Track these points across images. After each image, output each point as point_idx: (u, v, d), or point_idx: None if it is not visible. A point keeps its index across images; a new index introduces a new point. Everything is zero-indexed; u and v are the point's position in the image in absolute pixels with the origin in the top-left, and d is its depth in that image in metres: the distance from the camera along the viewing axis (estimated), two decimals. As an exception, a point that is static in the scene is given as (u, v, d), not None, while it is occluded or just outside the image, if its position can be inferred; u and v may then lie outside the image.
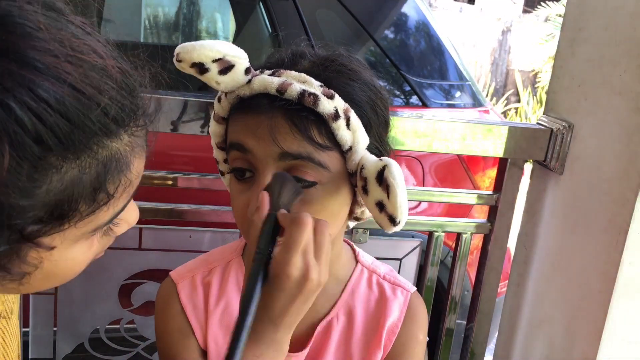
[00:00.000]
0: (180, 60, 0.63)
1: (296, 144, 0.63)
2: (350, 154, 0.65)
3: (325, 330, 0.76)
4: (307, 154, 0.63)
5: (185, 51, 0.62)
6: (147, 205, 0.98)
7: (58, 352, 1.06)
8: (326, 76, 0.66)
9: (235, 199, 0.68)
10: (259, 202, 0.59)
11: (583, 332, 0.91)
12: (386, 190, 0.63)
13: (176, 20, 3.95)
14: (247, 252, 0.78)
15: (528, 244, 1.08)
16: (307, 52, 0.70)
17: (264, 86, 0.63)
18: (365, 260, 0.81)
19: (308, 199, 0.64)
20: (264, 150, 0.63)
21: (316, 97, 0.62)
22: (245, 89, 0.65)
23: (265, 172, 0.64)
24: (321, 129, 0.63)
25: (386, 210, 0.63)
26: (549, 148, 0.98)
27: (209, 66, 0.62)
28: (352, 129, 0.64)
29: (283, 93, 0.63)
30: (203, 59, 0.62)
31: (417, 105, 1.79)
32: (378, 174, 0.63)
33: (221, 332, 0.76)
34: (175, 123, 0.91)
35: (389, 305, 0.78)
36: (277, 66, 0.68)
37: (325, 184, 0.65)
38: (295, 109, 0.62)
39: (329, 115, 0.63)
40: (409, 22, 1.95)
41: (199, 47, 0.62)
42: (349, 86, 0.66)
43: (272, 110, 0.63)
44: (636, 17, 0.84)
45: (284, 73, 0.65)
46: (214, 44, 0.63)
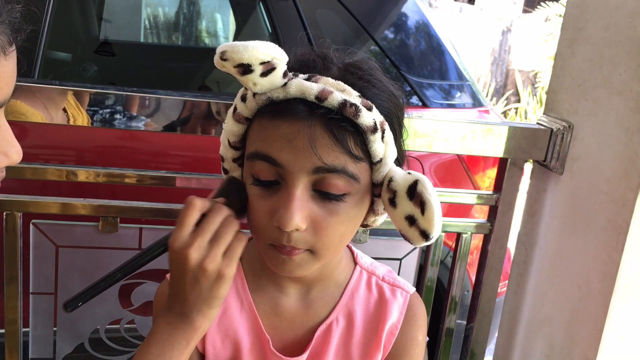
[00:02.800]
0: (225, 58, 0.61)
1: (333, 156, 0.61)
2: (380, 165, 0.65)
3: (325, 334, 0.76)
4: (342, 167, 0.62)
5: (235, 51, 0.60)
6: (147, 205, 0.98)
7: (58, 352, 1.06)
8: (361, 85, 0.64)
9: (255, 205, 0.66)
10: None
11: (583, 332, 0.91)
12: (419, 206, 0.63)
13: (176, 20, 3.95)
14: (245, 255, 0.78)
15: (528, 244, 1.08)
16: (332, 55, 0.68)
17: (302, 91, 0.61)
18: (364, 262, 0.81)
19: (336, 209, 0.64)
20: (300, 164, 0.61)
21: (357, 109, 0.61)
22: (279, 92, 0.62)
23: (297, 185, 0.62)
24: (357, 140, 0.62)
25: (418, 225, 0.64)
26: (549, 148, 0.98)
27: (254, 68, 0.60)
28: (386, 141, 0.64)
29: (323, 101, 0.60)
30: (252, 61, 0.60)
31: (417, 105, 1.79)
32: (409, 188, 0.64)
33: (219, 335, 0.75)
34: (175, 123, 0.91)
35: (388, 307, 0.77)
36: (309, 69, 0.65)
37: (353, 195, 0.65)
38: (334, 119, 0.61)
39: (368, 127, 0.62)
40: (409, 22, 1.95)
41: (252, 49, 0.60)
42: (380, 97, 0.66)
43: (310, 118, 0.61)
44: (636, 17, 0.84)
45: (320, 79, 0.63)
46: (264, 46, 0.61)
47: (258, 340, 0.76)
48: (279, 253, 0.65)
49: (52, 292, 1.02)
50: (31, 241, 0.98)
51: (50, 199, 0.96)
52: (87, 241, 1.00)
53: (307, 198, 0.63)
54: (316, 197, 0.64)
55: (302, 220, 0.62)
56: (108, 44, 2.56)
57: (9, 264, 0.96)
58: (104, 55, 2.47)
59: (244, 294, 0.76)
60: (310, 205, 0.63)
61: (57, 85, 0.87)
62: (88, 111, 0.89)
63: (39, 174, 0.94)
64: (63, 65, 2.23)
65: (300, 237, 0.64)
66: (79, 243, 1.00)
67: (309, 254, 0.66)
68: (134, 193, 1.10)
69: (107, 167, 0.96)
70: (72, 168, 0.94)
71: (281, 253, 0.65)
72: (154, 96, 0.90)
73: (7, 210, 0.94)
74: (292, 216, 0.61)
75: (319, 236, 0.64)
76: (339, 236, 0.66)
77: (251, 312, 0.76)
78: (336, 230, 0.65)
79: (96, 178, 0.95)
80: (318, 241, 0.65)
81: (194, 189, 0.98)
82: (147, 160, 1.55)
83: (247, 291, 0.76)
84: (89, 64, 2.32)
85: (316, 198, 0.64)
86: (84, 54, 2.49)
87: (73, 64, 2.31)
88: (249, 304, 0.76)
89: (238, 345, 0.75)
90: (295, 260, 0.66)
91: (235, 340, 0.75)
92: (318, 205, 0.64)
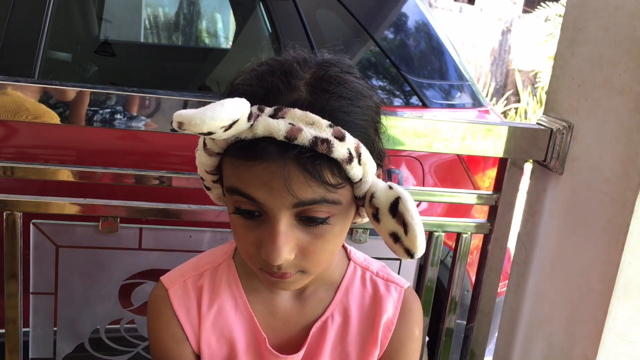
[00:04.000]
0: (184, 129, 0.56)
1: (311, 191, 0.60)
2: (360, 183, 0.64)
3: (320, 331, 0.76)
4: (322, 198, 0.61)
5: (193, 124, 0.55)
6: (147, 205, 0.98)
7: (58, 352, 1.06)
8: (330, 107, 0.61)
9: (241, 234, 0.66)
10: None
11: (583, 332, 0.91)
12: (402, 226, 0.63)
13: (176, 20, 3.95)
14: (238, 255, 0.78)
15: (528, 244, 1.08)
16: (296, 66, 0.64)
17: (270, 131, 0.58)
18: (358, 257, 0.81)
19: (321, 232, 0.64)
20: (279, 203, 0.60)
21: (329, 144, 0.59)
22: (247, 133, 0.59)
23: (279, 220, 0.61)
24: (334, 170, 0.61)
25: (402, 243, 0.64)
26: (549, 148, 0.98)
27: (216, 131, 0.57)
28: (363, 162, 0.63)
29: (293, 140, 0.58)
30: (213, 129, 0.56)
31: (417, 105, 1.79)
32: (391, 206, 0.63)
33: (214, 336, 0.75)
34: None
35: (383, 302, 0.78)
36: (274, 96, 0.61)
37: (336, 215, 0.64)
38: (307, 156, 0.59)
39: (342, 159, 0.60)
40: (409, 22, 1.95)
41: (209, 120, 0.55)
42: (353, 114, 0.63)
43: (283, 159, 0.59)
44: (636, 17, 0.84)
45: (287, 112, 0.59)
46: (223, 112, 0.55)
47: (254, 339, 0.76)
48: (271, 276, 0.66)
49: (52, 292, 1.02)
50: (31, 241, 0.98)
51: (50, 199, 0.96)
52: (87, 241, 1.00)
53: (292, 227, 0.63)
54: (301, 224, 0.63)
55: (289, 252, 0.62)
56: (108, 44, 2.56)
57: (9, 264, 0.96)
58: (104, 55, 2.47)
59: (239, 293, 0.76)
60: (296, 234, 0.63)
61: (57, 85, 0.87)
62: (88, 111, 0.89)
63: (39, 174, 0.94)
64: (63, 65, 2.23)
65: (291, 263, 0.64)
66: (79, 243, 1.00)
67: (302, 273, 0.67)
68: (134, 193, 1.11)
69: (107, 167, 0.96)
70: (72, 168, 0.94)
71: (273, 277, 0.66)
72: (154, 96, 0.90)
73: (7, 210, 0.94)
74: (280, 252, 0.61)
75: (308, 259, 0.65)
76: (329, 253, 0.67)
77: (246, 311, 0.76)
78: (324, 250, 0.65)
79: (96, 178, 0.95)
80: (308, 262, 0.65)
81: (193, 189, 0.99)
82: (147, 160, 1.55)
83: (242, 291, 0.76)
84: (89, 64, 2.32)
85: (301, 225, 0.63)
86: (84, 54, 2.49)
87: (73, 64, 2.31)
88: (243, 304, 0.76)
89: (233, 344, 0.75)
90: (288, 280, 0.67)
91: (231, 339, 0.75)
92: (303, 231, 0.63)
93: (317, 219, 0.63)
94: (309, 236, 0.64)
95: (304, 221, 0.63)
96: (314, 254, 0.65)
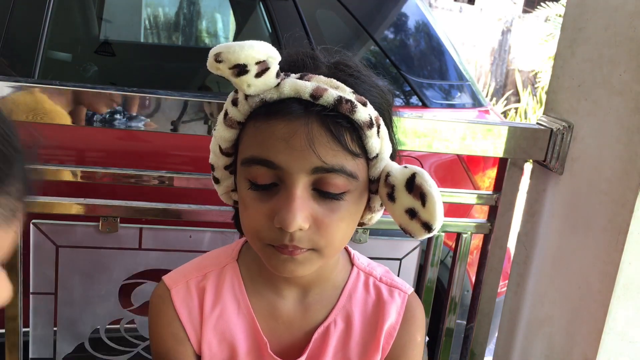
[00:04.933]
0: (221, 60, 0.59)
1: (331, 154, 0.61)
2: (376, 161, 0.65)
3: (323, 336, 0.76)
4: (340, 166, 0.61)
5: (232, 51, 0.59)
6: (147, 205, 0.98)
7: (58, 352, 1.06)
8: (352, 82, 0.64)
9: (252, 208, 0.65)
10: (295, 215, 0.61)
11: (583, 332, 0.91)
12: (419, 198, 0.63)
13: (176, 20, 3.96)
14: (242, 257, 0.78)
15: (528, 244, 1.08)
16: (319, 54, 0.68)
17: (296, 90, 0.60)
18: (361, 262, 0.81)
19: (337, 207, 0.64)
20: (299, 165, 0.61)
21: (353, 105, 0.61)
22: (273, 93, 0.61)
23: (297, 185, 0.61)
24: (353, 136, 0.62)
25: (419, 217, 0.64)
26: (549, 148, 0.98)
27: (250, 68, 0.59)
28: (381, 136, 0.64)
29: (318, 99, 0.60)
30: (249, 60, 0.59)
31: (417, 105, 1.79)
32: (407, 181, 0.63)
33: (216, 338, 0.75)
34: (175, 123, 0.91)
35: (386, 308, 0.77)
36: (299, 69, 0.65)
37: (352, 192, 0.64)
38: (330, 116, 0.60)
39: (364, 123, 0.62)
40: (409, 22, 1.95)
41: (248, 48, 0.59)
42: (371, 93, 0.65)
43: (306, 117, 0.60)
44: (636, 17, 0.84)
45: (313, 77, 0.62)
46: (259, 45, 0.60)
47: (255, 343, 0.75)
48: (280, 253, 0.65)
49: (52, 292, 1.02)
50: (31, 241, 0.98)
51: (50, 199, 0.96)
52: (87, 241, 1.00)
53: (308, 197, 0.63)
54: (316, 196, 0.63)
55: (304, 219, 0.62)
56: (108, 44, 2.56)
57: (9, 264, 0.96)
58: (104, 55, 2.47)
59: (241, 296, 0.76)
60: (311, 204, 0.63)
61: (57, 85, 0.87)
62: (88, 111, 0.89)
63: (39, 174, 0.94)
64: (63, 65, 2.23)
65: (303, 236, 0.63)
66: (79, 243, 1.00)
67: (312, 252, 0.66)
68: (134, 193, 1.11)
69: (107, 167, 0.96)
70: (72, 168, 0.94)
71: (282, 253, 0.65)
72: (154, 96, 0.90)
73: (7, 210, 0.94)
74: (295, 216, 0.61)
75: (321, 234, 0.64)
76: (341, 233, 0.66)
77: (248, 314, 0.75)
78: (338, 227, 0.65)
79: (96, 178, 0.95)
80: (321, 239, 0.64)
81: (193, 188, 0.99)
82: (147, 160, 1.55)
83: (245, 294, 0.76)
84: (89, 64, 2.32)
85: (316, 197, 0.63)
86: (84, 54, 2.49)
87: (73, 64, 2.31)
88: (246, 307, 0.75)
89: (235, 347, 0.75)
90: (297, 259, 0.65)
91: (232, 342, 0.75)
92: (319, 203, 0.64)
93: (333, 194, 0.63)
94: (324, 209, 0.64)
95: (320, 193, 0.63)
96: (328, 229, 0.64)
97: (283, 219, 0.61)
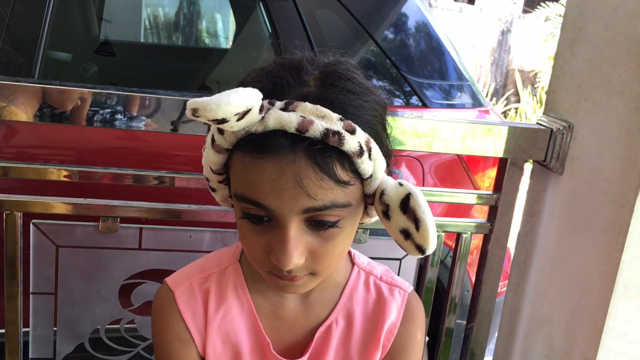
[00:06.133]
0: (198, 115, 0.56)
1: (322, 192, 0.59)
2: (370, 180, 0.64)
3: (325, 335, 0.76)
4: (332, 203, 0.60)
5: (208, 109, 0.55)
6: (147, 205, 0.98)
7: (58, 352, 1.06)
8: (341, 101, 0.61)
9: (249, 238, 0.65)
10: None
11: (583, 332, 0.91)
12: (413, 222, 0.63)
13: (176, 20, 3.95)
14: (244, 258, 0.78)
15: (528, 244, 1.08)
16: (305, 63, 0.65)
17: (281, 124, 0.58)
18: (362, 262, 0.81)
19: (331, 235, 0.63)
20: (289, 207, 0.60)
21: (340, 136, 0.59)
22: (258, 126, 0.59)
23: (289, 225, 0.61)
24: (344, 164, 0.60)
25: (413, 240, 0.64)
26: (549, 148, 0.98)
27: (230, 119, 0.57)
28: (373, 158, 0.63)
29: (304, 132, 0.58)
30: (227, 115, 0.56)
31: (417, 105, 1.79)
32: (402, 202, 0.63)
33: (220, 339, 0.75)
34: (175, 123, 0.91)
35: (387, 307, 0.77)
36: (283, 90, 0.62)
37: (346, 218, 0.64)
38: (317, 149, 0.58)
39: (354, 152, 0.60)
40: (409, 22, 1.95)
41: (225, 106, 0.55)
42: (363, 109, 0.63)
43: (293, 152, 0.58)
44: (636, 17, 0.84)
45: (298, 106, 0.59)
46: (238, 98, 0.56)
47: (258, 343, 0.76)
48: (280, 279, 0.66)
49: (52, 292, 1.02)
50: (31, 241, 0.98)
51: (50, 199, 0.96)
52: (87, 241, 1.00)
53: (302, 233, 0.62)
54: (310, 228, 0.63)
55: (300, 256, 0.62)
56: (108, 44, 2.55)
57: (9, 264, 0.96)
58: (104, 55, 2.47)
59: (244, 296, 0.76)
60: (305, 238, 0.63)
61: (57, 85, 0.87)
62: (88, 111, 0.89)
63: (39, 174, 0.94)
64: (63, 65, 2.23)
65: (301, 267, 0.64)
66: (79, 243, 1.00)
67: (311, 276, 0.67)
68: (134, 193, 1.11)
69: (107, 167, 0.96)
70: (72, 168, 0.94)
71: (282, 280, 0.66)
72: (154, 96, 0.90)
73: (7, 210, 0.94)
74: (291, 257, 0.61)
75: (318, 262, 0.64)
76: (338, 255, 0.67)
77: (251, 314, 0.75)
78: (334, 253, 0.65)
79: (96, 178, 0.95)
80: (318, 265, 0.65)
81: (193, 188, 0.99)
82: (147, 160, 1.55)
83: (247, 294, 0.76)
84: (89, 64, 2.32)
85: (310, 228, 0.63)
86: (84, 54, 2.49)
87: (73, 64, 2.31)
88: (249, 307, 0.76)
89: (238, 348, 0.75)
90: (297, 283, 0.66)
91: (236, 343, 0.75)
92: (313, 235, 0.63)
93: (327, 223, 0.62)
94: (319, 239, 0.63)
95: (314, 225, 0.63)
96: (324, 257, 0.64)
97: (278, 259, 0.62)
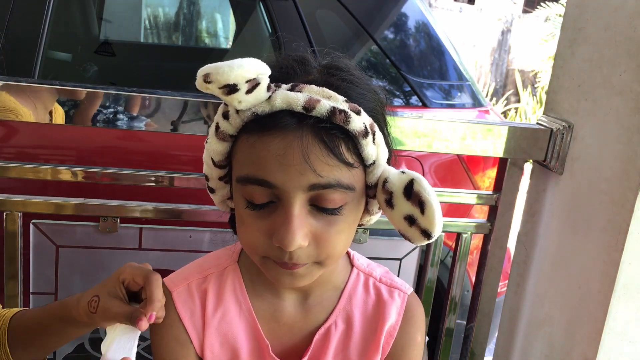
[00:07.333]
0: (210, 81, 0.58)
1: (327, 169, 0.60)
2: (373, 167, 0.64)
3: (324, 337, 0.76)
4: (337, 181, 0.61)
5: (221, 72, 0.57)
6: (147, 205, 0.98)
7: (58, 352, 1.06)
8: (345, 87, 0.63)
9: (250, 224, 0.64)
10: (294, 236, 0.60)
11: (583, 332, 0.91)
12: (418, 206, 0.63)
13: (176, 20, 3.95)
14: (243, 259, 0.78)
15: (528, 244, 1.08)
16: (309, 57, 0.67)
17: (288, 102, 0.59)
18: (361, 263, 0.80)
19: (334, 221, 0.63)
20: (295, 182, 0.60)
21: (347, 115, 0.60)
22: (264, 106, 0.60)
23: (294, 203, 0.61)
24: (349, 145, 0.61)
25: (418, 225, 0.63)
26: (549, 148, 0.98)
27: (240, 86, 0.58)
28: (377, 143, 0.63)
29: (311, 110, 0.59)
30: (239, 80, 0.57)
31: (417, 105, 1.79)
32: (405, 188, 0.63)
33: (218, 340, 0.75)
34: (175, 123, 0.92)
35: (386, 309, 0.77)
36: (289, 77, 0.64)
37: (349, 204, 0.64)
38: (324, 127, 0.59)
39: (359, 132, 0.61)
40: (409, 22, 1.95)
41: (237, 68, 0.57)
42: (365, 97, 0.64)
43: (300, 130, 0.59)
44: (636, 17, 0.84)
45: (305, 87, 0.61)
46: (249, 63, 0.58)
47: (257, 345, 0.75)
48: (280, 267, 0.65)
49: (52, 292, 1.02)
50: (31, 241, 0.98)
51: (50, 199, 0.96)
52: (87, 241, 1.00)
53: (306, 214, 0.62)
54: (314, 212, 0.63)
55: (303, 237, 0.62)
56: (108, 44, 2.56)
57: (9, 264, 0.96)
58: (104, 55, 2.47)
59: (243, 298, 0.76)
60: (309, 220, 0.63)
61: (57, 85, 0.87)
62: (88, 111, 0.89)
63: (39, 174, 0.94)
64: (63, 65, 2.23)
65: (303, 252, 0.63)
66: (79, 243, 1.00)
67: (313, 264, 0.66)
68: (134, 193, 1.11)
69: (107, 167, 0.96)
70: (72, 168, 0.94)
71: (282, 268, 0.65)
72: (154, 96, 0.90)
73: (7, 210, 0.94)
74: (294, 236, 0.61)
75: (321, 248, 0.64)
76: (341, 244, 0.66)
77: (250, 317, 0.75)
78: (338, 240, 0.65)
79: (96, 178, 0.95)
80: (321, 253, 0.64)
81: (193, 188, 0.99)
82: (147, 160, 1.55)
83: (246, 296, 0.76)
84: (89, 64, 2.32)
85: (314, 212, 0.63)
86: (84, 54, 2.49)
87: (73, 64, 2.31)
88: (247, 309, 0.75)
89: (237, 350, 0.75)
90: (298, 272, 0.65)
91: (234, 345, 0.75)
92: (316, 219, 0.63)
93: (330, 209, 0.62)
94: (322, 223, 0.63)
95: (317, 209, 0.63)
96: (328, 243, 0.64)
97: (282, 238, 0.61)
